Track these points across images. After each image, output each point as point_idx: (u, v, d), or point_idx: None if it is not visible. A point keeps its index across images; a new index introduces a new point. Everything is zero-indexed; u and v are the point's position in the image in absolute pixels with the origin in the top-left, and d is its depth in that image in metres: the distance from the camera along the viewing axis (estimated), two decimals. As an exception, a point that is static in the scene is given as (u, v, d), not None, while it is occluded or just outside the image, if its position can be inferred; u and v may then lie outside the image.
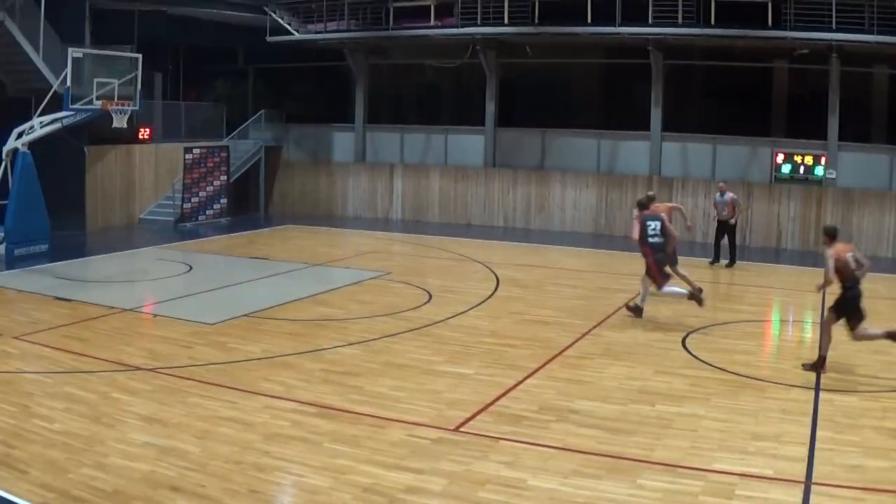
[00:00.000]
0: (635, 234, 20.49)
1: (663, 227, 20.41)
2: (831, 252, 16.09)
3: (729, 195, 28.30)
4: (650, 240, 20.15)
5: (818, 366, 16.07)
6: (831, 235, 16.53)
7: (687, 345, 17.68)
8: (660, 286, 20.25)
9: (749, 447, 12.09)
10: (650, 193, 24.25)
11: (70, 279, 25.47)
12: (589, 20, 34.08)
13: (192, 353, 17.37)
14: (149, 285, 25.44)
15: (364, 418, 13.38)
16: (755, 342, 18.53)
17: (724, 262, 28.03)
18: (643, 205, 21.66)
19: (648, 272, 20.34)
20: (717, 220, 28.59)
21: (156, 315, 21.17)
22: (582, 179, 36.54)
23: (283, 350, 17.47)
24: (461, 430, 12.83)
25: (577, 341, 18.14)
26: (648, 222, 20.37)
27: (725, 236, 28.27)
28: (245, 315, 20.64)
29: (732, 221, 28.08)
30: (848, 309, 16.07)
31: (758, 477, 11.11)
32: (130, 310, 21.38)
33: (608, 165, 37.23)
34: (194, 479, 11.08)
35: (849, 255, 16.16)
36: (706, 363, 16.50)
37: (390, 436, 12.61)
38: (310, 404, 14.10)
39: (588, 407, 13.76)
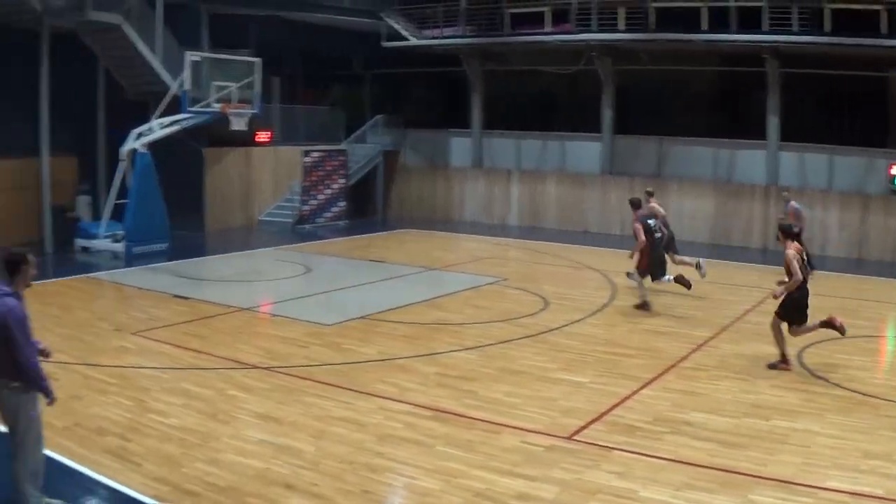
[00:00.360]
0: (642, 237, 21.42)
1: (662, 223, 22.17)
2: (792, 252, 16.42)
3: (791, 204, 28.12)
4: (655, 235, 21.51)
5: (782, 363, 16.60)
6: (790, 234, 16.92)
7: (802, 359, 17.43)
8: (654, 278, 21.74)
9: (861, 465, 11.91)
10: (649, 189, 24.82)
11: (188, 278, 26.01)
12: (704, 27, 33.85)
13: (308, 353, 17.68)
14: (267, 285, 25.82)
15: (478, 423, 13.50)
16: (870, 358, 18.24)
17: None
18: (637, 204, 22.68)
19: (638, 267, 21.98)
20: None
21: (273, 315, 21.50)
22: (699, 188, 36.20)
23: (398, 353, 17.66)
24: (574, 438, 12.86)
25: (692, 352, 18.03)
26: (649, 221, 21.77)
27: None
28: (361, 317, 20.92)
29: (795, 230, 27.85)
30: (796, 309, 16.52)
31: (869, 496, 10.97)
32: (248, 309, 21.81)
33: (725, 174, 36.83)
34: (308, 477, 11.32)
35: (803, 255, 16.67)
36: (821, 378, 16.24)
37: (503, 442, 12.70)
38: (424, 407, 14.27)
39: (701, 419, 13.69)
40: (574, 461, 11.92)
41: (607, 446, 12.49)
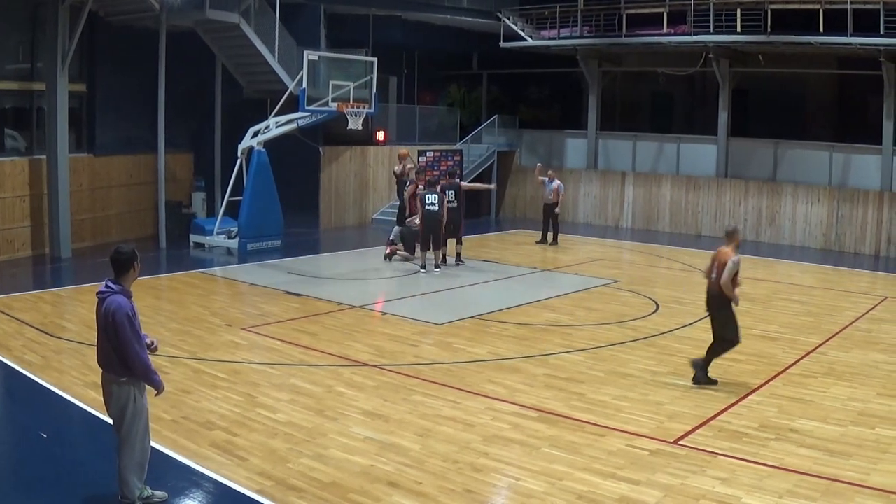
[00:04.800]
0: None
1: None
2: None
3: (556, 183, 33.78)
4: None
5: None
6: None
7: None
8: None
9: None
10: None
11: (301, 275, 26.34)
12: (820, 30, 33.34)
13: (418, 351, 17.86)
14: (379, 284, 25.97)
15: (584, 426, 13.53)
16: None
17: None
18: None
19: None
20: (543, 204, 34.46)
21: (384, 313, 21.63)
22: (813, 193, 35.68)
23: (508, 353, 17.76)
24: (680, 443, 12.84)
25: (801, 359, 17.85)
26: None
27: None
28: (472, 317, 21.02)
29: (557, 210, 33.91)
30: None
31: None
32: (360, 307, 21.99)
33: (840, 179, 36.18)
34: (412, 475, 11.45)
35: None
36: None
37: (609, 445, 12.72)
38: (531, 408, 14.35)
39: (808, 427, 13.54)
40: (679, 466, 11.91)
41: (713, 452, 12.45)
